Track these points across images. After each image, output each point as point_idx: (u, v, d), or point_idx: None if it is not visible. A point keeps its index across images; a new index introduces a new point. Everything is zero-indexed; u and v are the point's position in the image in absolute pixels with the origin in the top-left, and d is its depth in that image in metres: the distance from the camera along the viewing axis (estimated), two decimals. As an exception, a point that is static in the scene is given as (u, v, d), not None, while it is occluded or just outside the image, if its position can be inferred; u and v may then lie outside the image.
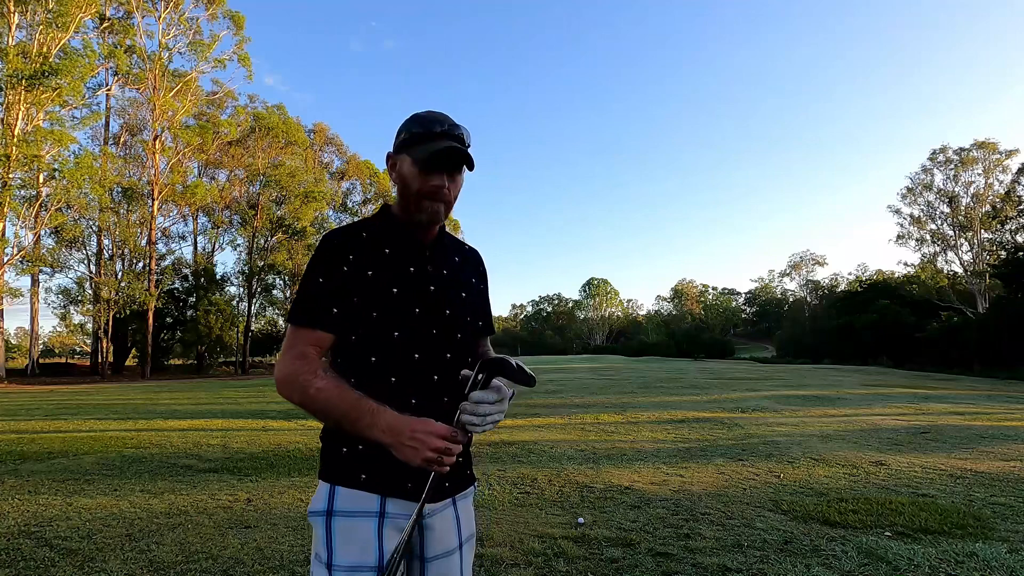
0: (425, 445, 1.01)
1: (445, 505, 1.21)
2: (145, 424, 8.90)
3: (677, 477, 4.93)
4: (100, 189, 27.90)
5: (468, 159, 1.18)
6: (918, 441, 6.65)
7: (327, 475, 1.16)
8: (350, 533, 1.10)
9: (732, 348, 60.23)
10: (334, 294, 1.14)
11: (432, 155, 1.15)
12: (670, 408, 10.08)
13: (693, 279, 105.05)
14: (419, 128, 1.18)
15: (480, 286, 1.37)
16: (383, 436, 1.04)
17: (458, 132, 1.19)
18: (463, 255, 1.36)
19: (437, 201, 1.18)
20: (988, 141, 40.02)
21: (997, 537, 3.34)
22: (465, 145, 1.20)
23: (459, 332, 1.23)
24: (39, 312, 33.39)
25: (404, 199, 1.22)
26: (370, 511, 1.11)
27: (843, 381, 16.64)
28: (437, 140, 1.16)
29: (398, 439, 1.02)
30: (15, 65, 23.86)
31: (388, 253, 1.19)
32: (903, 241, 43.19)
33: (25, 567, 2.98)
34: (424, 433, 1.01)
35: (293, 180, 37.52)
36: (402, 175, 1.20)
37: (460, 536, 1.24)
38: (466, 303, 1.28)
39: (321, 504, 1.13)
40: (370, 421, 1.04)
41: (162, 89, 31.92)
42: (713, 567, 2.92)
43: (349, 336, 1.16)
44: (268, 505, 4.15)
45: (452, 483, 1.21)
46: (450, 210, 1.24)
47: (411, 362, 1.15)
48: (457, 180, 1.21)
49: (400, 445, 1.03)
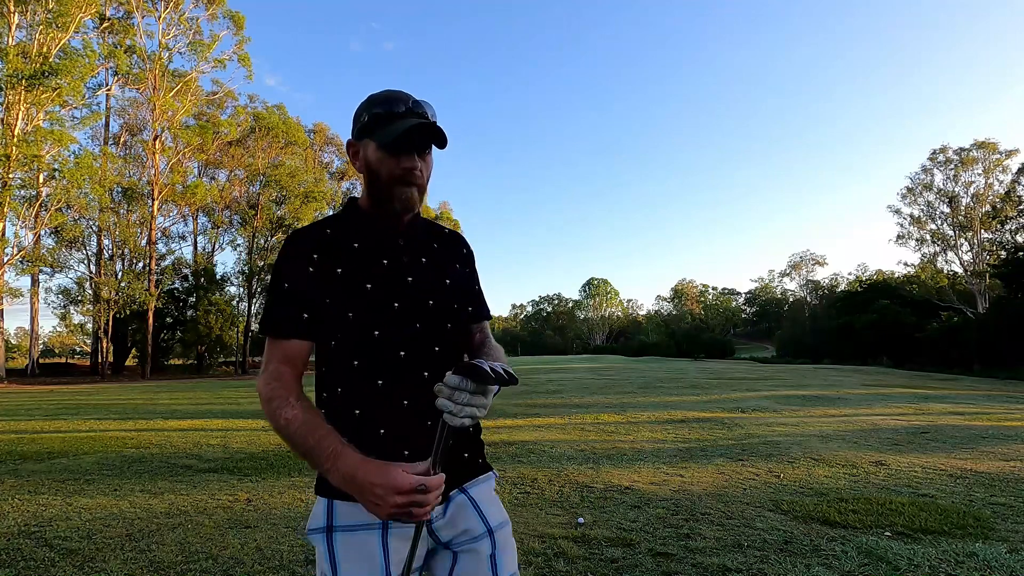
0: (386, 503, 0.89)
1: (451, 498, 1.13)
2: (145, 424, 8.90)
3: (677, 477, 4.92)
4: (100, 189, 27.92)
5: (439, 135, 1.09)
6: (918, 441, 6.65)
7: (323, 489, 1.08)
8: (354, 548, 1.04)
9: (732, 348, 60.23)
10: (302, 298, 1.07)
11: (400, 135, 1.06)
12: (670, 408, 10.07)
13: (693, 279, 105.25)
14: (380, 109, 1.10)
15: (465, 270, 1.28)
16: (343, 486, 0.94)
17: (421, 110, 1.11)
18: (442, 240, 1.26)
19: (410, 185, 1.10)
20: (988, 141, 40.03)
21: (997, 537, 3.33)
22: (430, 118, 1.11)
23: (448, 322, 1.15)
24: (39, 312, 33.42)
25: (373, 187, 1.13)
26: (372, 523, 1.04)
27: (843, 381, 16.64)
28: (402, 119, 1.08)
29: (359, 493, 0.93)
30: (15, 65, 23.87)
31: (357, 248, 1.11)
32: (903, 241, 43.22)
33: (25, 567, 2.98)
34: (383, 488, 0.89)
35: (293, 180, 37.57)
36: (368, 162, 1.12)
37: (487, 522, 1.14)
38: (450, 290, 1.18)
39: (320, 520, 1.07)
40: (329, 466, 0.95)
41: (162, 89, 31.93)
42: (713, 567, 2.92)
43: (328, 342, 1.09)
44: (268, 505, 4.15)
45: (453, 475, 1.11)
46: (423, 194, 1.16)
47: (397, 361, 1.07)
48: (428, 160, 1.13)
49: (361, 498, 0.93)
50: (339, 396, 1.10)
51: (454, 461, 1.12)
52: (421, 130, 1.08)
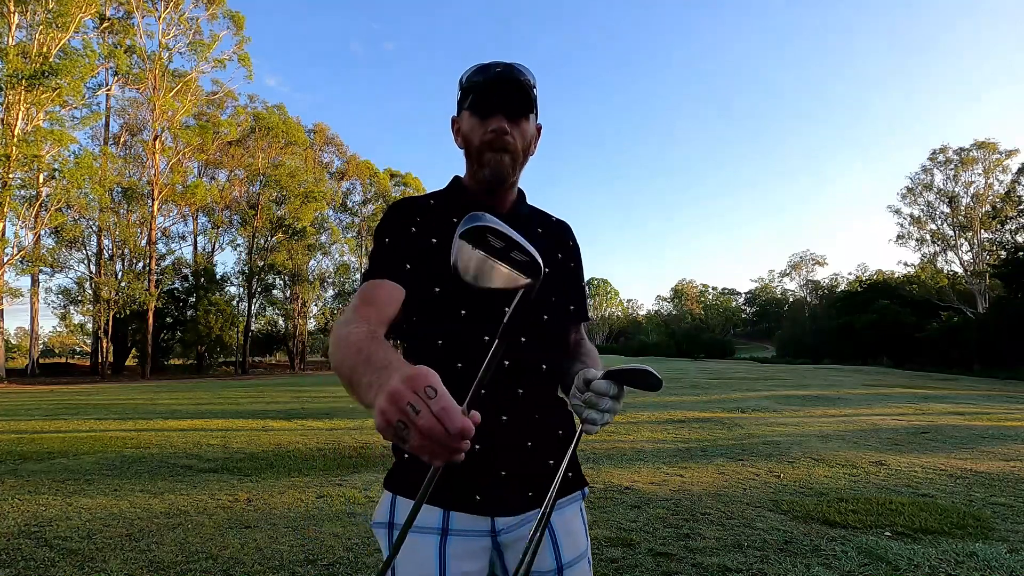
0: (423, 423, 0.55)
1: (529, 519, 1.00)
2: (145, 424, 8.90)
3: (677, 477, 4.92)
4: (100, 189, 27.91)
5: (525, 93, 1.00)
6: (918, 441, 6.65)
7: (389, 483, 1.02)
8: (410, 551, 0.95)
9: (732, 348, 60.32)
10: (405, 251, 1.02)
11: (480, 95, 1.00)
12: (670, 408, 10.07)
13: (693, 279, 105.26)
14: (473, 75, 1.03)
15: (569, 263, 1.18)
16: (384, 401, 0.58)
17: (513, 72, 1.01)
18: (548, 227, 1.17)
19: (499, 151, 1.02)
20: (988, 141, 40.03)
21: (997, 537, 3.34)
22: (521, 79, 1.01)
23: (544, 314, 1.05)
24: (39, 312, 33.38)
25: (468, 160, 1.08)
26: (431, 527, 0.95)
27: (843, 381, 16.64)
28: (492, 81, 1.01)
29: (395, 400, 0.57)
30: (15, 65, 23.86)
31: (456, 223, 0.98)
32: (903, 241, 43.23)
33: (25, 567, 2.98)
34: (436, 408, 0.56)
35: (293, 180, 37.58)
36: (463, 133, 1.06)
37: (559, 559, 1.01)
38: (551, 283, 1.08)
39: (383, 515, 1.00)
40: (373, 379, 0.69)
41: (162, 89, 31.92)
42: (713, 567, 2.92)
43: (411, 316, 1.02)
44: (268, 505, 4.15)
45: (536, 491, 0.99)
46: (519, 163, 1.06)
47: (480, 347, 0.97)
48: (523, 126, 1.04)
49: (393, 408, 0.57)
50: None
51: (539, 473, 1.01)
52: (501, 85, 0.99)
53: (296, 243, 37.94)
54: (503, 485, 0.96)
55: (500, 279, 0.68)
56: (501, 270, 0.68)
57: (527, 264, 0.67)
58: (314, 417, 9.51)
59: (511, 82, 1.00)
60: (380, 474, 5.16)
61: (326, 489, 4.59)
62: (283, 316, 43.16)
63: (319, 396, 14.07)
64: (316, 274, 43.32)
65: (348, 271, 46.21)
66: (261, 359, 46.19)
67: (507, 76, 1.00)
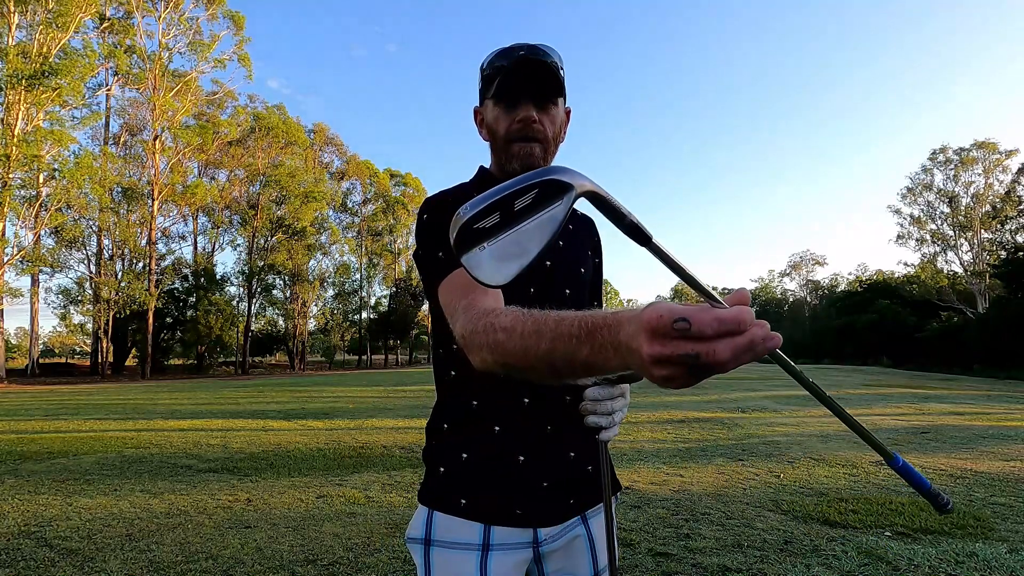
0: (715, 318, 0.44)
1: (570, 527, 0.97)
2: (145, 424, 8.90)
3: (677, 477, 4.92)
4: (100, 189, 27.94)
5: (552, 76, 0.92)
6: (918, 441, 6.65)
7: (425, 497, 0.97)
8: (448, 568, 0.91)
9: (732, 348, 60.19)
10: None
11: (504, 82, 0.93)
12: (670, 408, 10.07)
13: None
14: (496, 60, 0.95)
15: (595, 260, 1.14)
16: (629, 350, 0.48)
17: (538, 53, 0.93)
18: (576, 222, 1.11)
19: (528, 140, 0.95)
20: (988, 141, 40.05)
21: (997, 537, 3.34)
22: (548, 61, 0.93)
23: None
24: (39, 312, 33.37)
25: (494, 152, 1.02)
26: (471, 543, 0.91)
27: (843, 381, 16.65)
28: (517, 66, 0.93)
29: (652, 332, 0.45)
30: (15, 65, 23.87)
31: None
32: (903, 241, 43.25)
33: (25, 567, 2.98)
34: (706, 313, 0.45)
35: (293, 180, 37.61)
36: (488, 124, 1.00)
37: (595, 565, 0.99)
38: (585, 282, 1.04)
39: (419, 531, 0.95)
40: (604, 337, 0.52)
41: (162, 89, 31.95)
42: (713, 567, 2.92)
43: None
44: (268, 505, 4.15)
45: (577, 497, 0.97)
46: (550, 151, 0.98)
47: None
48: (552, 113, 0.97)
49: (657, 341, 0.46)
50: (454, 382, 0.98)
51: (577, 479, 0.98)
52: (526, 67, 0.92)
53: (296, 243, 37.98)
54: (545, 495, 0.94)
55: (540, 232, 0.52)
56: (529, 228, 0.51)
57: (535, 194, 0.51)
58: (314, 417, 9.51)
59: (537, 65, 0.92)
60: (380, 474, 5.16)
61: (326, 489, 4.60)
62: (283, 316, 43.16)
63: (319, 396, 14.08)
64: (316, 274, 43.35)
65: (348, 271, 46.26)
66: (261, 359, 46.20)
67: (532, 59, 0.92)
